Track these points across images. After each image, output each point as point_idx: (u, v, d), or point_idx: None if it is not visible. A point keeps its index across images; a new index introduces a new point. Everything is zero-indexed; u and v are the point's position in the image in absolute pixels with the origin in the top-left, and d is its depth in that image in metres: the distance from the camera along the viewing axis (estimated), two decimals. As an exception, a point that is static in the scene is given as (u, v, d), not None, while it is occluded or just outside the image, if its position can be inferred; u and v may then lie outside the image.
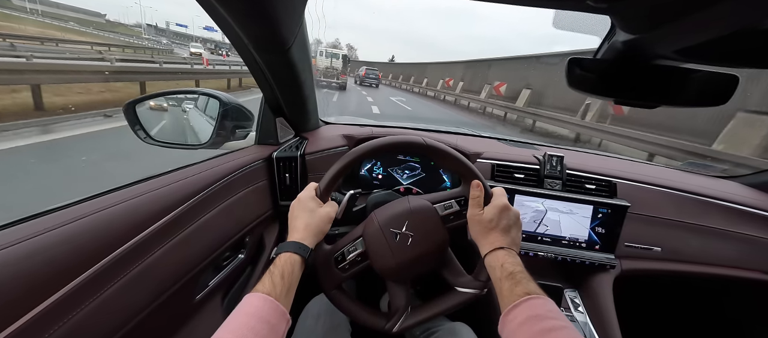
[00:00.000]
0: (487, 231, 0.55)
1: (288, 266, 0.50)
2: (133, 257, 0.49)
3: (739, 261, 0.93)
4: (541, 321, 0.41)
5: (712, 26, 0.34)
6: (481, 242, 0.56)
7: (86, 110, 5.09)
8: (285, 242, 0.54)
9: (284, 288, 0.47)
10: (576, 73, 0.53)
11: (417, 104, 15.33)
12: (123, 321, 0.47)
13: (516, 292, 0.46)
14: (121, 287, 0.46)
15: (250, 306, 0.44)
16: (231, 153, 0.81)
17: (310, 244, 0.54)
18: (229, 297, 0.75)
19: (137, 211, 0.51)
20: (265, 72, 0.70)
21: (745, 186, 1.05)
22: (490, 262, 0.53)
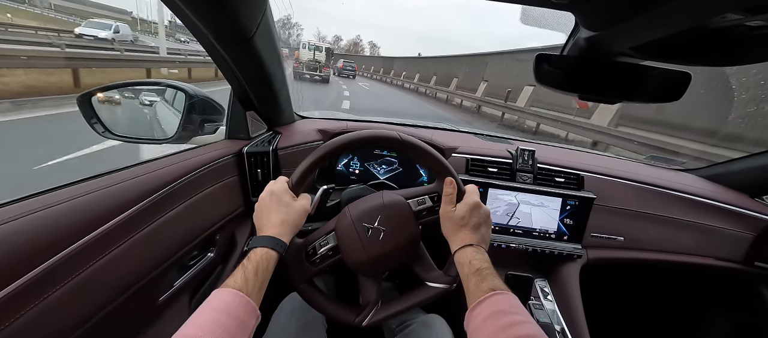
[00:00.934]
0: (458, 228, 0.57)
1: (263, 262, 0.49)
2: (85, 257, 0.46)
3: (694, 249, 0.99)
4: (503, 315, 0.42)
5: (662, 25, 0.35)
6: (452, 238, 0.57)
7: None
8: (259, 236, 0.53)
9: (257, 283, 0.46)
10: (544, 69, 0.55)
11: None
12: (72, 326, 0.44)
13: (481, 288, 0.47)
14: (69, 289, 0.43)
15: (219, 302, 0.43)
16: (198, 148, 0.78)
17: (286, 240, 0.53)
18: (197, 297, 0.73)
19: (89, 208, 0.48)
20: (229, 64, 0.67)
21: (700, 178, 1.12)
22: (459, 258, 0.54)
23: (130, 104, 1.36)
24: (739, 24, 0.36)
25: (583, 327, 0.83)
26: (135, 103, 1.09)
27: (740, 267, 0.99)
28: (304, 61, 17.71)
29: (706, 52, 0.41)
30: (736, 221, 0.98)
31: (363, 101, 12.53)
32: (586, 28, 0.46)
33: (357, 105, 10.54)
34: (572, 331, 0.82)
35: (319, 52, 18.15)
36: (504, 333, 0.40)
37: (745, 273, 1.00)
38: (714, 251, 0.99)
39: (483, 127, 7.44)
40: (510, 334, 0.40)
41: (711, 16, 0.35)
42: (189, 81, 5.71)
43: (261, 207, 0.56)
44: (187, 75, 10.25)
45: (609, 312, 1.18)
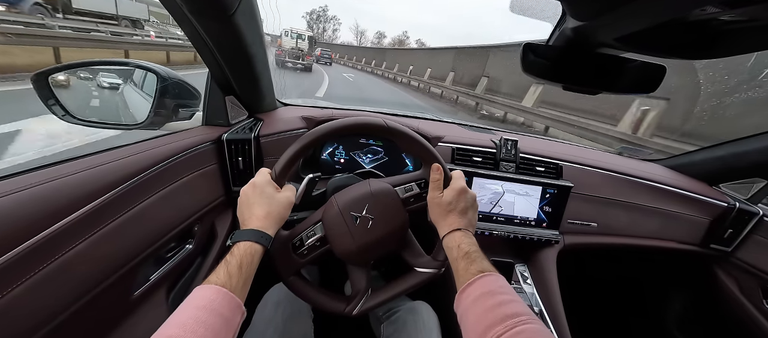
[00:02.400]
0: (446, 213, 0.57)
1: (247, 256, 0.47)
2: (45, 253, 0.42)
3: (658, 233, 1.07)
4: (492, 296, 0.44)
5: (646, 15, 0.37)
6: (440, 223, 0.58)
7: None
8: (242, 229, 0.51)
9: (241, 279, 0.45)
10: (530, 59, 0.55)
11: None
12: (34, 326, 0.41)
13: (470, 270, 0.48)
14: (29, 287, 0.40)
15: (201, 299, 0.41)
16: (173, 134, 0.73)
17: (271, 232, 0.52)
18: (175, 292, 0.69)
19: (49, 199, 0.44)
20: (207, 43, 0.63)
21: (665, 168, 1.20)
22: (448, 243, 0.55)
23: (79, 85, 1.25)
24: (716, 18, 0.38)
25: (559, 308, 0.87)
26: (89, 85, 1.01)
27: (698, 249, 1.08)
28: (287, 48, 17.53)
29: (685, 45, 0.43)
30: (696, 208, 1.06)
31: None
32: (574, 18, 0.47)
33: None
34: (550, 312, 0.86)
35: (302, 40, 18.05)
36: (493, 312, 0.41)
37: (702, 255, 1.09)
38: (676, 235, 1.07)
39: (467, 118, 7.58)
40: (499, 313, 0.41)
41: (692, 8, 0.36)
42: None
43: (243, 201, 0.54)
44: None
45: (583, 293, 1.26)
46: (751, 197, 1.08)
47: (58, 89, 0.88)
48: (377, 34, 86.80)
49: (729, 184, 1.14)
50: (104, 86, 1.26)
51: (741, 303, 1.05)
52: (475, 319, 0.43)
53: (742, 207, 1.03)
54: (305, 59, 17.20)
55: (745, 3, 0.31)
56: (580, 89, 0.59)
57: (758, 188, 1.08)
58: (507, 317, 0.40)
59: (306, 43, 18.02)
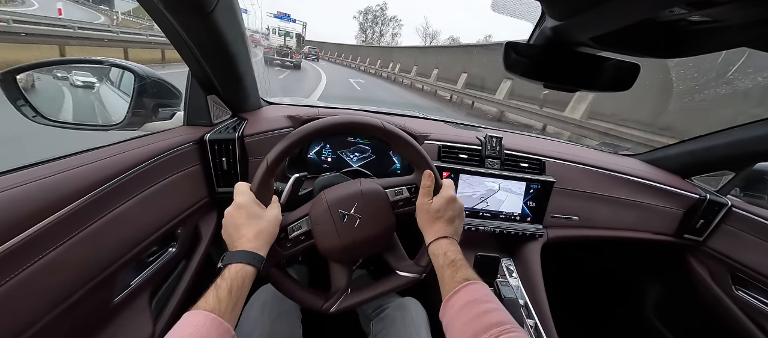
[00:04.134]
0: (434, 220, 0.58)
1: (238, 279, 0.46)
2: (20, 258, 0.40)
3: (636, 225, 1.11)
4: (478, 304, 0.45)
5: (619, 16, 0.38)
6: (427, 230, 0.59)
7: None
8: (233, 251, 0.50)
9: (231, 303, 0.44)
10: (512, 57, 0.56)
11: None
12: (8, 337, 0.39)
13: (456, 278, 0.49)
14: (1, 296, 0.38)
15: (188, 326, 0.40)
16: (152, 135, 0.71)
17: (263, 253, 0.51)
18: (158, 297, 0.68)
19: (22, 202, 0.42)
20: (186, 41, 0.61)
21: (642, 162, 1.25)
22: (434, 250, 0.56)
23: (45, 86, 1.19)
24: (684, 18, 0.39)
25: (543, 300, 0.90)
26: (57, 85, 0.97)
27: (672, 240, 1.13)
28: (275, 46, 17.48)
29: (656, 44, 0.45)
30: (670, 200, 1.11)
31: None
32: (552, 18, 0.48)
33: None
34: (534, 304, 0.89)
35: (290, 38, 18.02)
36: (478, 320, 0.43)
37: (676, 245, 1.15)
38: (652, 227, 1.12)
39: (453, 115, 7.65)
40: (484, 321, 0.42)
41: (661, 9, 0.38)
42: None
43: (229, 224, 0.53)
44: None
45: (566, 284, 1.30)
46: (720, 188, 1.14)
47: (37, 85, 0.84)
48: (450, 38, 62.70)
49: (701, 176, 1.20)
50: (78, 84, 1.21)
51: (711, 290, 1.10)
52: (461, 327, 0.44)
53: (713, 198, 1.08)
54: (293, 57, 17.09)
55: (708, 5, 0.33)
56: (559, 87, 0.60)
57: (727, 180, 1.14)
58: (492, 325, 0.41)
59: (294, 41, 18.03)
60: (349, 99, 10.58)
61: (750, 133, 0.99)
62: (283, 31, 18.10)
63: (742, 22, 0.36)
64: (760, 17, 0.34)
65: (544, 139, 1.31)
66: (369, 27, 59.80)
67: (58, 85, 1.24)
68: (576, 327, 1.31)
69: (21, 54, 6.12)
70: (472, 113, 10.33)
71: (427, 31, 59.68)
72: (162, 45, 10.03)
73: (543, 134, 5.27)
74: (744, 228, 1.05)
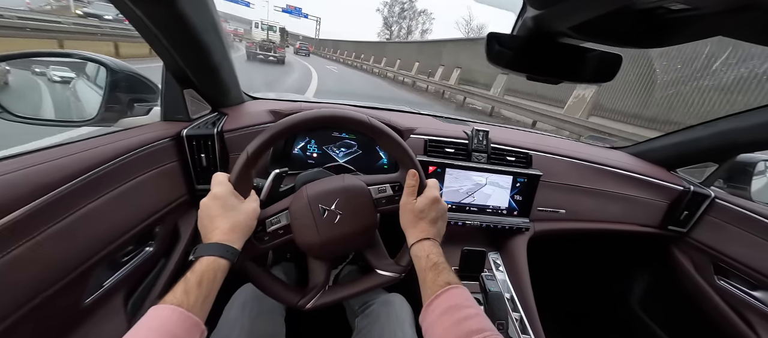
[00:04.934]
0: (417, 220, 0.57)
1: (210, 272, 0.45)
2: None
3: (622, 217, 1.12)
4: (459, 310, 0.44)
5: (594, 3, 0.37)
6: (409, 230, 0.58)
7: None
8: (206, 243, 0.48)
9: (200, 296, 0.42)
10: (495, 49, 0.55)
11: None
12: None
13: (438, 282, 0.49)
14: None
15: (154, 320, 0.39)
16: (125, 131, 0.68)
17: (237, 246, 0.49)
18: (134, 297, 0.66)
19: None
20: (152, 29, 0.58)
21: (627, 155, 1.26)
22: (417, 251, 0.55)
23: (42, 80, 1.15)
24: (662, 6, 0.39)
25: (529, 293, 0.90)
26: (32, 79, 0.93)
27: (657, 231, 1.15)
28: (258, 41, 16.96)
29: (636, 33, 0.44)
30: (655, 192, 1.12)
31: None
32: (531, 6, 0.47)
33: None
34: (520, 297, 0.89)
35: (273, 32, 17.73)
36: (458, 327, 0.42)
37: (661, 236, 1.16)
38: (637, 219, 1.13)
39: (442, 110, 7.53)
40: (464, 328, 0.42)
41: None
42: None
43: (204, 214, 0.51)
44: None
45: (552, 277, 1.31)
46: (704, 180, 1.16)
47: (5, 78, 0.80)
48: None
49: (685, 168, 1.22)
50: (55, 80, 1.16)
51: (695, 280, 1.12)
52: (441, 332, 0.43)
53: (696, 190, 1.10)
54: (277, 52, 16.31)
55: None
56: (542, 79, 0.60)
57: (710, 171, 1.15)
58: (472, 332, 0.41)
59: (277, 35, 17.72)
60: (340, 94, 10.44)
61: (733, 124, 1.00)
62: (266, 24, 17.82)
63: (718, 9, 0.35)
64: (735, 5, 0.33)
65: (530, 132, 1.31)
66: (395, 22, 46.62)
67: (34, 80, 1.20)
68: (562, 319, 1.33)
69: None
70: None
71: (469, 25, 43.28)
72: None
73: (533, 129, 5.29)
74: (727, 219, 1.06)
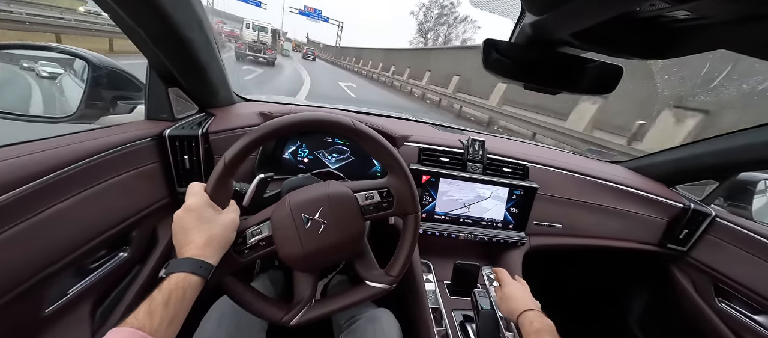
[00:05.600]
0: (516, 302, 0.67)
1: (179, 290, 0.41)
2: None
3: (620, 233, 1.09)
4: None
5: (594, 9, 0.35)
6: (513, 311, 0.66)
7: None
8: (178, 259, 0.45)
9: (166, 317, 0.39)
10: (492, 57, 0.53)
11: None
12: None
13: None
14: None
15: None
16: (104, 128, 0.65)
17: (212, 261, 0.46)
18: (104, 306, 0.62)
19: None
20: (131, 24, 0.56)
21: (627, 169, 1.23)
22: (522, 320, 0.63)
23: (30, 75, 1.12)
24: (665, 15, 0.36)
25: None
26: (29, 73, 0.90)
27: (656, 249, 1.11)
28: (248, 41, 16.80)
29: (638, 44, 0.42)
30: (654, 208, 1.09)
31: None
32: (530, 12, 0.45)
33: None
34: None
35: (265, 33, 17.69)
36: None
37: (660, 254, 1.13)
38: (636, 236, 1.10)
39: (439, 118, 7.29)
40: None
41: (638, 3, 0.34)
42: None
43: (178, 228, 0.48)
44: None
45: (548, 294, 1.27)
46: (704, 198, 1.13)
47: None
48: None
49: (685, 185, 1.19)
50: (43, 75, 1.14)
51: (694, 301, 1.09)
52: None
53: (697, 208, 1.07)
54: (267, 53, 15.83)
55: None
56: (540, 88, 0.57)
57: (711, 189, 1.12)
58: None
59: (268, 36, 17.78)
60: (335, 99, 10.30)
61: (734, 142, 0.98)
62: (257, 25, 17.82)
63: (723, 20, 0.33)
64: (738, 16, 0.31)
65: (527, 143, 1.28)
66: (431, 29, 36.02)
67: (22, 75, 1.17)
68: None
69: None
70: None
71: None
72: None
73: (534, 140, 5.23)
74: (727, 239, 1.03)
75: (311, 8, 25.72)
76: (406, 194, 0.60)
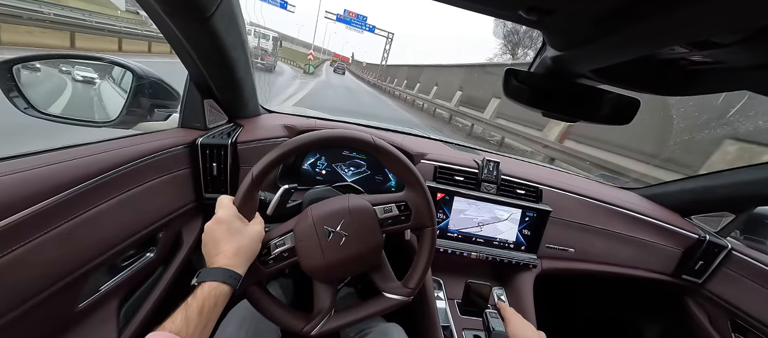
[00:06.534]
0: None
1: (211, 299, 0.44)
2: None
3: (632, 261, 1.08)
4: None
5: (617, 51, 0.37)
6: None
7: None
8: (209, 268, 0.47)
9: (200, 324, 0.41)
10: (512, 84, 0.56)
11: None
12: None
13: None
14: None
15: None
16: (143, 135, 0.70)
17: (241, 271, 0.49)
18: (128, 304, 0.65)
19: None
20: (184, 44, 0.61)
21: (641, 197, 1.23)
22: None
23: (68, 78, 1.19)
24: (685, 58, 0.39)
25: None
26: (66, 75, 0.97)
27: (670, 280, 1.10)
28: (250, 47, 17.49)
29: (657, 81, 0.44)
30: (669, 238, 1.08)
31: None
32: (553, 48, 0.47)
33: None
34: None
35: (266, 40, 17.63)
36: None
37: (674, 285, 1.11)
38: (649, 265, 1.09)
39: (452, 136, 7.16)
40: None
41: (659, 48, 0.37)
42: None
43: (208, 238, 0.51)
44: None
45: (558, 319, 1.25)
46: (720, 230, 1.12)
47: (33, 77, 0.84)
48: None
49: (700, 216, 1.18)
50: (78, 79, 1.21)
51: (710, 336, 1.06)
52: None
53: (712, 240, 1.06)
54: (265, 59, 16.48)
55: (710, 46, 0.32)
56: (558, 116, 0.60)
57: (727, 221, 1.11)
58: None
59: (269, 43, 17.79)
60: (354, 113, 10.45)
61: (752, 175, 0.98)
62: (259, 32, 18.07)
63: (744, 65, 0.35)
64: (762, 61, 0.33)
65: (541, 166, 1.30)
66: (520, 41, 18.91)
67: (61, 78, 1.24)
68: None
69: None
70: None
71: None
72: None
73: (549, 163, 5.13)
74: (744, 273, 1.02)
75: (353, 13, 19.64)
76: (423, 207, 0.62)
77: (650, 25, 0.30)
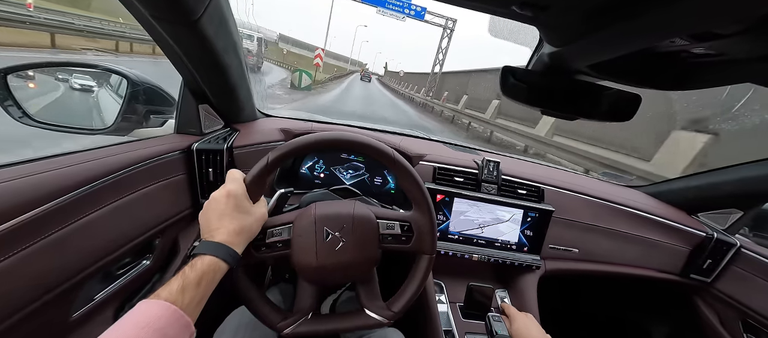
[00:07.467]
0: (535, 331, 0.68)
1: (210, 272, 0.42)
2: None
3: (639, 261, 1.06)
4: None
5: (615, 45, 0.36)
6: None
7: None
8: (210, 241, 0.46)
9: (196, 296, 0.40)
10: (509, 82, 0.55)
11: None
12: None
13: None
14: None
15: (143, 315, 0.36)
16: (138, 141, 0.69)
17: (240, 250, 0.48)
18: (124, 312, 0.64)
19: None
20: (175, 49, 0.60)
21: (645, 195, 1.21)
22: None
23: (66, 88, 1.20)
24: (686, 50, 0.37)
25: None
26: (63, 83, 0.97)
27: (678, 279, 1.07)
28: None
29: (657, 75, 0.43)
30: (675, 236, 1.06)
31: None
32: (549, 44, 0.46)
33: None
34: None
35: (250, 40, 17.40)
36: None
37: (683, 285, 1.08)
38: (656, 264, 1.07)
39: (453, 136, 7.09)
40: None
41: (658, 40, 0.36)
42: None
43: (212, 208, 0.49)
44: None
45: (563, 321, 1.22)
46: (728, 227, 1.09)
47: (28, 86, 0.84)
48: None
49: (707, 213, 1.16)
50: (75, 87, 1.22)
51: (721, 336, 1.03)
52: None
53: (720, 237, 1.03)
54: (247, 59, 16.65)
55: (710, 38, 0.31)
56: (557, 114, 0.58)
57: (735, 218, 1.09)
58: None
59: (254, 44, 17.58)
60: (346, 114, 10.43)
61: (759, 171, 0.95)
62: (244, 33, 18.07)
63: (746, 56, 0.34)
64: (765, 52, 0.32)
65: (542, 165, 1.28)
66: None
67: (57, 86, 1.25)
68: None
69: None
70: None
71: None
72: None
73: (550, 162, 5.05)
74: (755, 271, 0.99)
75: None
76: (426, 233, 0.59)
77: (648, 16, 0.29)
